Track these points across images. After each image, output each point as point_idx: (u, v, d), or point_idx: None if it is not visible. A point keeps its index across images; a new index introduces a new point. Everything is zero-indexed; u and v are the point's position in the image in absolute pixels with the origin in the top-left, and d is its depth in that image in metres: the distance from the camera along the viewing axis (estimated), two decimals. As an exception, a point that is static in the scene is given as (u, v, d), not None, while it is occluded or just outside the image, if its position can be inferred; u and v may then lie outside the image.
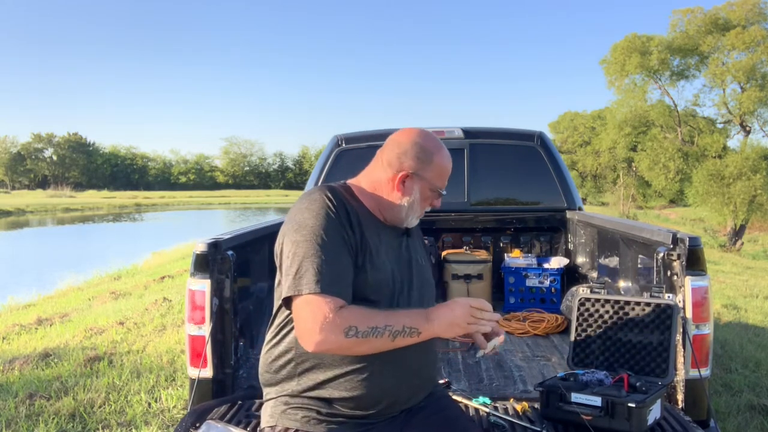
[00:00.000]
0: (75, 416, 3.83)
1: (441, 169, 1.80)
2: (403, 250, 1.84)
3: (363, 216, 1.75)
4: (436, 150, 1.80)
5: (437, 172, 1.79)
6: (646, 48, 25.65)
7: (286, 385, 1.75)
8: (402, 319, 1.60)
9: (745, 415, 3.84)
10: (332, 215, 1.66)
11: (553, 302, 4.30)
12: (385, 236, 1.79)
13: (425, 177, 1.78)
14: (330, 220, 1.65)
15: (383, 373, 1.70)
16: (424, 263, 1.92)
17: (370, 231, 1.73)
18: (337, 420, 1.71)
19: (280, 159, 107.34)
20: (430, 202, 1.84)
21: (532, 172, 4.67)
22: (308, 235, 1.63)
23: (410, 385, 1.78)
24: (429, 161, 1.78)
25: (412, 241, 1.91)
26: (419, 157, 1.77)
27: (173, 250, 16.54)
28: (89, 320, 6.96)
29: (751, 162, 23.03)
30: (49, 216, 40.24)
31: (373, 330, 1.57)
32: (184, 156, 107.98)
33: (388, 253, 1.77)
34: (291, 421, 1.72)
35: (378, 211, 1.81)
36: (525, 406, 2.37)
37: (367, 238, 1.71)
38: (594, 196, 45.06)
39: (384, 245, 1.77)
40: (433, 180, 1.80)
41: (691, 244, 2.34)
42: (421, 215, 1.86)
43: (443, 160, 1.81)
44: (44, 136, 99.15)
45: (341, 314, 1.56)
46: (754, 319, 7.14)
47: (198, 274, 2.48)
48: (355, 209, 1.74)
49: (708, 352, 2.37)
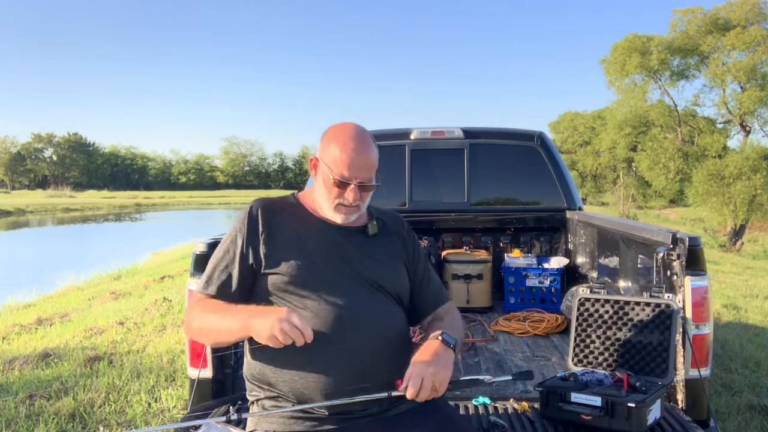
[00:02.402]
0: (75, 416, 3.83)
1: (337, 154, 1.79)
2: (350, 247, 1.86)
3: (294, 221, 1.88)
4: (341, 137, 1.82)
5: (333, 157, 1.80)
6: (646, 48, 25.63)
7: (262, 390, 1.81)
8: (231, 316, 1.71)
9: (745, 415, 3.84)
10: (239, 228, 1.86)
11: (553, 302, 4.30)
12: (324, 236, 1.86)
13: (323, 161, 1.83)
14: (236, 233, 1.86)
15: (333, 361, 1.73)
16: (385, 261, 1.90)
17: (297, 234, 1.86)
18: (313, 416, 1.74)
19: (280, 159, 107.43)
20: (339, 194, 1.82)
21: (532, 172, 4.67)
22: (220, 243, 1.90)
23: (363, 372, 1.75)
24: (328, 145, 1.83)
25: (371, 241, 1.91)
26: (325, 143, 1.85)
27: (173, 250, 16.55)
28: (89, 320, 6.96)
29: (751, 162, 23.00)
30: (49, 216, 40.24)
31: (206, 321, 1.76)
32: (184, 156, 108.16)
33: (322, 250, 1.84)
34: (268, 423, 1.76)
35: (317, 209, 1.91)
36: (525, 407, 2.37)
37: (286, 241, 1.83)
38: (594, 196, 45.04)
39: (317, 244, 1.84)
40: (330, 165, 1.81)
41: (690, 244, 2.34)
42: (341, 211, 1.84)
43: (344, 147, 1.80)
44: (44, 136, 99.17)
45: (197, 305, 1.81)
46: (754, 319, 7.14)
47: (198, 275, 2.48)
48: (281, 218, 1.87)
49: (708, 352, 2.37)
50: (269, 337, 1.58)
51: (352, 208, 1.85)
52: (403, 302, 1.92)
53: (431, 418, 1.82)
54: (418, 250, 2.03)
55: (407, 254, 1.98)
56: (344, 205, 1.83)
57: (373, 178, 1.85)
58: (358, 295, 1.80)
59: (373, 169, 1.85)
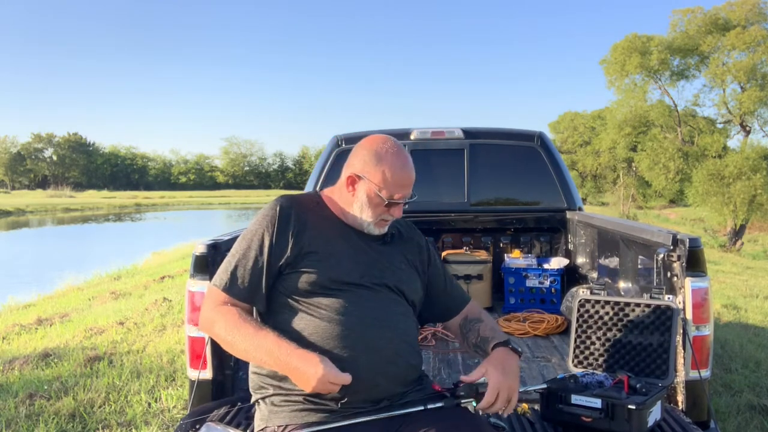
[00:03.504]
0: (75, 416, 3.83)
1: (388, 175, 1.80)
2: (372, 253, 1.87)
3: (321, 221, 1.85)
4: (387, 155, 1.82)
5: (383, 177, 1.80)
6: (646, 48, 25.63)
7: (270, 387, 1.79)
8: (264, 348, 1.66)
9: (745, 416, 3.84)
10: (266, 224, 1.79)
11: (553, 303, 4.30)
12: (348, 238, 1.85)
13: (371, 180, 1.81)
14: (263, 228, 1.79)
15: (356, 361, 1.72)
16: (404, 269, 1.92)
17: (324, 234, 1.82)
18: (325, 409, 1.73)
19: (280, 159, 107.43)
20: (384, 211, 1.84)
21: (532, 173, 4.67)
22: (241, 237, 1.83)
23: (386, 373, 1.77)
24: (376, 164, 1.81)
25: (389, 248, 1.92)
26: (368, 160, 1.82)
27: (173, 250, 16.56)
28: (89, 320, 6.96)
29: (751, 162, 23.00)
30: (48, 216, 40.24)
31: (232, 340, 1.71)
32: (184, 156, 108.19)
33: (348, 253, 1.82)
34: (280, 418, 1.75)
35: (342, 214, 1.89)
36: (525, 408, 2.37)
37: (313, 241, 1.79)
38: (594, 196, 45.03)
39: (342, 246, 1.83)
40: (380, 184, 1.80)
41: (691, 245, 2.33)
42: (382, 225, 1.86)
43: (393, 167, 1.81)
44: (44, 136, 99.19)
45: (219, 311, 1.75)
46: (754, 319, 7.14)
47: (198, 276, 2.48)
48: (308, 216, 1.83)
49: (708, 353, 2.37)
50: (311, 391, 1.62)
51: (389, 221, 1.89)
52: (416, 309, 1.96)
53: (443, 414, 1.82)
54: (434, 253, 2.08)
55: (425, 260, 2.02)
56: (386, 220, 1.87)
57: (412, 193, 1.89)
58: (380, 298, 1.82)
59: (413, 182, 1.88)
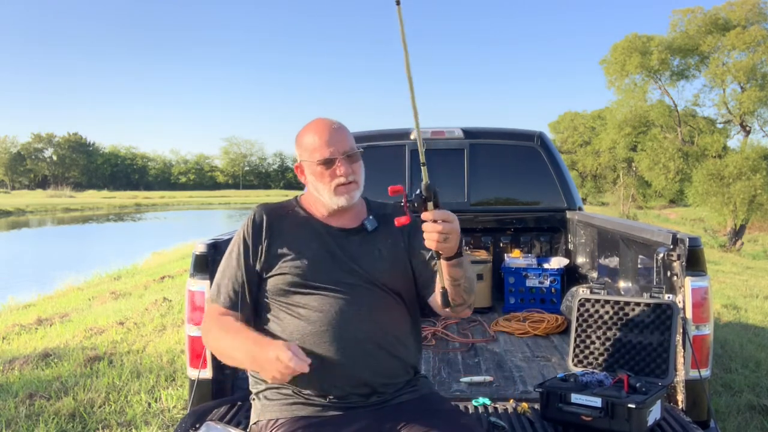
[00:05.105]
0: (75, 416, 3.83)
1: (309, 142, 1.85)
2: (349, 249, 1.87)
3: (296, 225, 1.89)
4: (304, 132, 1.89)
5: (307, 148, 1.86)
6: (646, 48, 25.63)
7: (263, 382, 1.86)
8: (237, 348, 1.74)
9: (745, 415, 3.84)
10: (243, 235, 1.89)
11: (553, 302, 4.30)
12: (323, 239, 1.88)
13: (304, 159, 1.88)
14: (240, 240, 1.89)
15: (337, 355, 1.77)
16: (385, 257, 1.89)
17: (299, 237, 1.87)
18: (315, 403, 1.79)
19: (280, 159, 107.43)
20: (331, 176, 1.83)
21: (532, 172, 4.67)
22: (226, 252, 1.94)
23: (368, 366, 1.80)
24: (300, 144, 1.89)
25: (371, 238, 1.91)
26: (297, 147, 1.92)
27: (173, 250, 16.55)
28: (89, 320, 6.96)
29: (751, 162, 23.00)
30: (48, 216, 40.24)
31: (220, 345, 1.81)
32: (184, 156, 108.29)
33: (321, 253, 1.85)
34: (271, 412, 1.81)
35: (319, 210, 1.92)
36: (525, 407, 2.37)
37: (288, 245, 1.85)
38: (594, 196, 45.03)
39: (317, 246, 1.86)
40: (310, 155, 1.85)
41: (691, 244, 2.33)
42: (343, 192, 1.84)
43: (309, 134, 1.86)
44: (44, 136, 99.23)
45: (213, 319, 1.85)
46: (754, 319, 7.13)
47: (198, 275, 2.49)
48: (282, 223, 1.89)
49: (708, 353, 2.37)
50: (273, 379, 1.65)
51: (351, 185, 1.85)
52: (403, 298, 1.91)
53: (434, 409, 1.83)
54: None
55: (415, 240, 1.90)
56: (341, 184, 1.84)
57: (354, 146, 1.87)
58: (359, 293, 1.83)
59: (350, 138, 1.87)
